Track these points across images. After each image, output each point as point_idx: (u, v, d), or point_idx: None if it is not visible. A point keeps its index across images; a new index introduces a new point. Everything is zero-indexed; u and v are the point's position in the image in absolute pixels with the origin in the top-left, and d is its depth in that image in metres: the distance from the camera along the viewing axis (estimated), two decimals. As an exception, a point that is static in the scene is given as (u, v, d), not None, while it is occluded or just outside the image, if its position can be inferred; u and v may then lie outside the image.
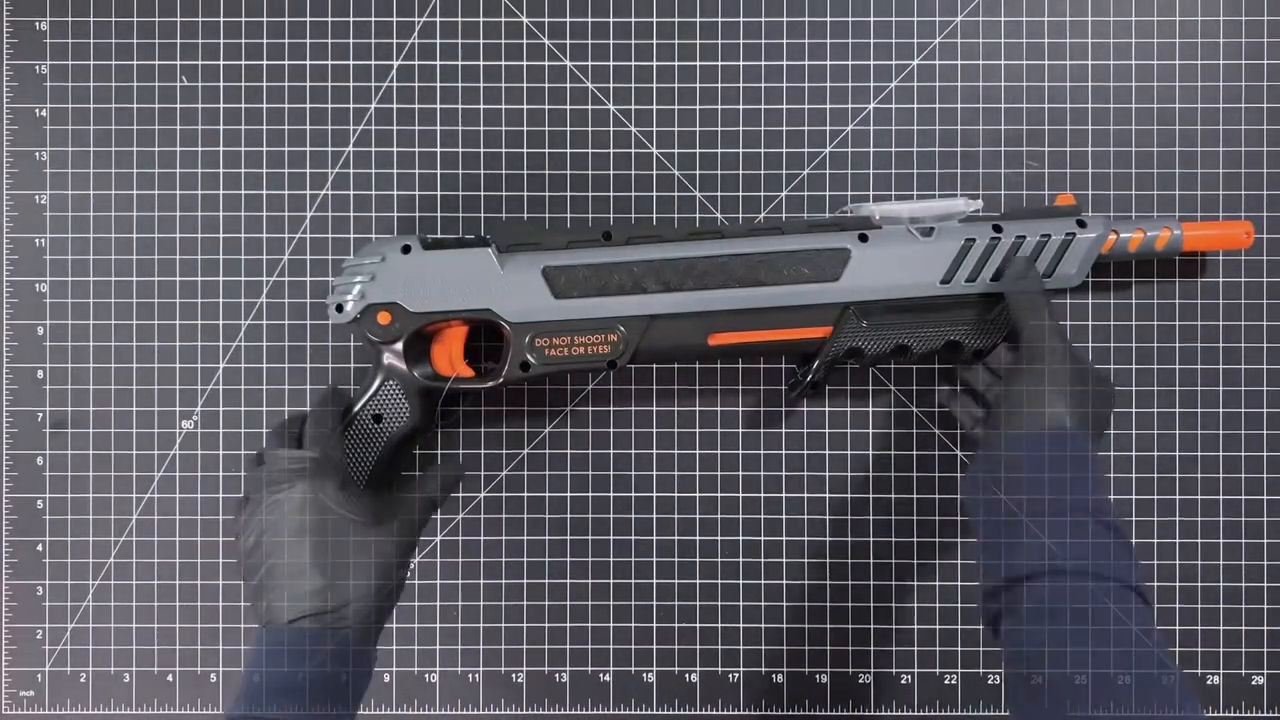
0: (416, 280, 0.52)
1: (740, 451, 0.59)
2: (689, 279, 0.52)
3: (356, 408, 0.53)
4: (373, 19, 0.60)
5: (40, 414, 0.60)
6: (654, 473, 0.59)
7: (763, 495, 0.59)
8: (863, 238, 0.53)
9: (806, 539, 0.59)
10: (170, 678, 0.60)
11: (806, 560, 0.59)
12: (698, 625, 0.59)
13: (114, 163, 0.60)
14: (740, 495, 0.59)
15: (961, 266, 0.53)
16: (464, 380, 0.54)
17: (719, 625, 0.59)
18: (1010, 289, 0.52)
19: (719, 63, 0.59)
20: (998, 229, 0.53)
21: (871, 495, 0.59)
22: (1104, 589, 0.42)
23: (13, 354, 0.60)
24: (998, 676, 0.59)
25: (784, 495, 0.59)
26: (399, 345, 0.52)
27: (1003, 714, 0.59)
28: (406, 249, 0.52)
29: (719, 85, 0.59)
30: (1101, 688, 0.40)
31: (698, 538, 0.59)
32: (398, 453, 0.54)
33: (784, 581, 0.59)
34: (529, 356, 0.52)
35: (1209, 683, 0.59)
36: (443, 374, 0.54)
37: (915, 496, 0.59)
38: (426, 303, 0.52)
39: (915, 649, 0.59)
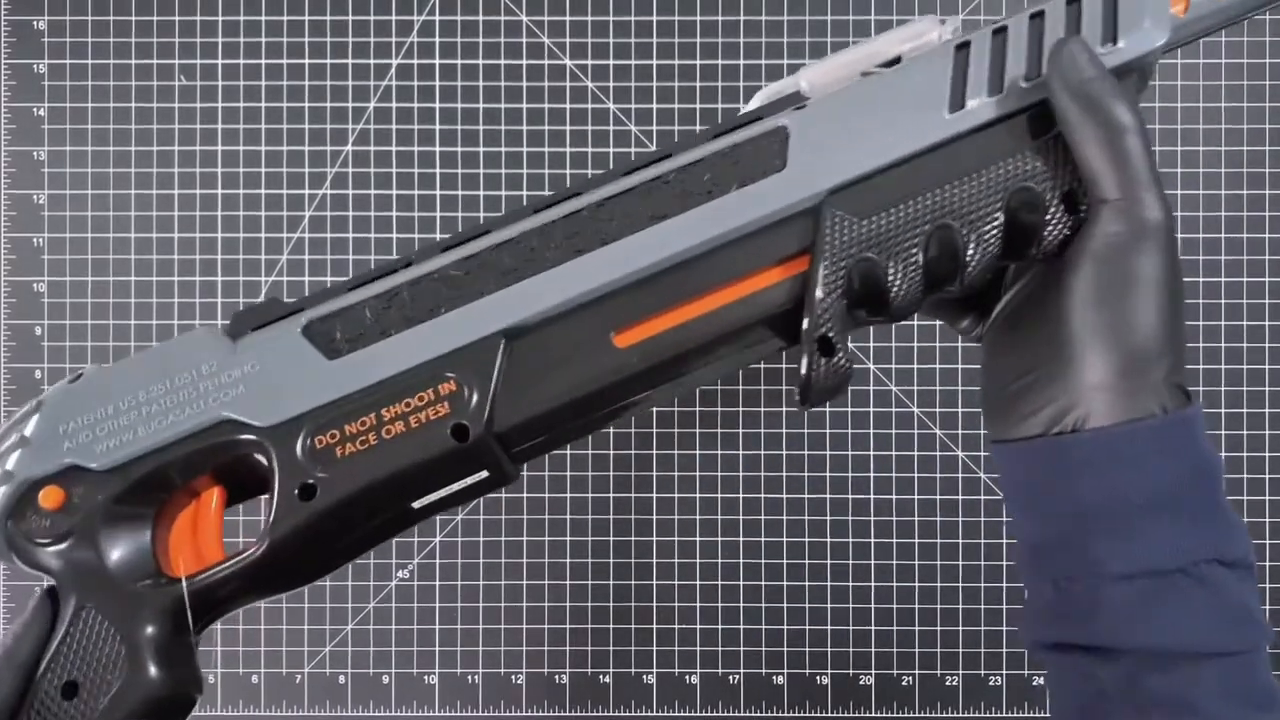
0: (98, 416, 0.31)
1: (740, 452, 0.59)
2: (548, 253, 0.32)
3: (36, 676, 0.29)
4: (372, 18, 0.59)
5: (38, 414, 0.59)
6: (654, 473, 0.59)
7: (763, 496, 0.59)
8: (798, 108, 0.33)
9: (807, 540, 0.59)
10: (168, 679, 0.59)
11: (807, 561, 0.59)
12: (698, 627, 0.59)
13: (112, 162, 0.60)
14: (741, 496, 0.59)
15: (969, 79, 0.32)
16: (209, 572, 0.31)
17: (719, 627, 0.59)
18: (1060, 80, 0.30)
19: (719, 62, 0.59)
20: (998, 26, 0.33)
21: (872, 496, 0.59)
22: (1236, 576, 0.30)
23: (10, 354, 0.60)
24: (999, 678, 0.59)
25: (784, 496, 0.59)
26: (84, 539, 0.30)
27: (1003, 715, 0.58)
28: (76, 377, 0.32)
29: (719, 85, 0.59)
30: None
31: (698, 539, 0.59)
32: None
33: (784, 583, 0.59)
34: (313, 473, 0.30)
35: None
36: (174, 574, 0.31)
37: (916, 497, 0.59)
38: (120, 444, 0.31)
39: (916, 650, 0.59)
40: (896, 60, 0.33)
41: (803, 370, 0.30)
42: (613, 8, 0.59)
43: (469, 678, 0.59)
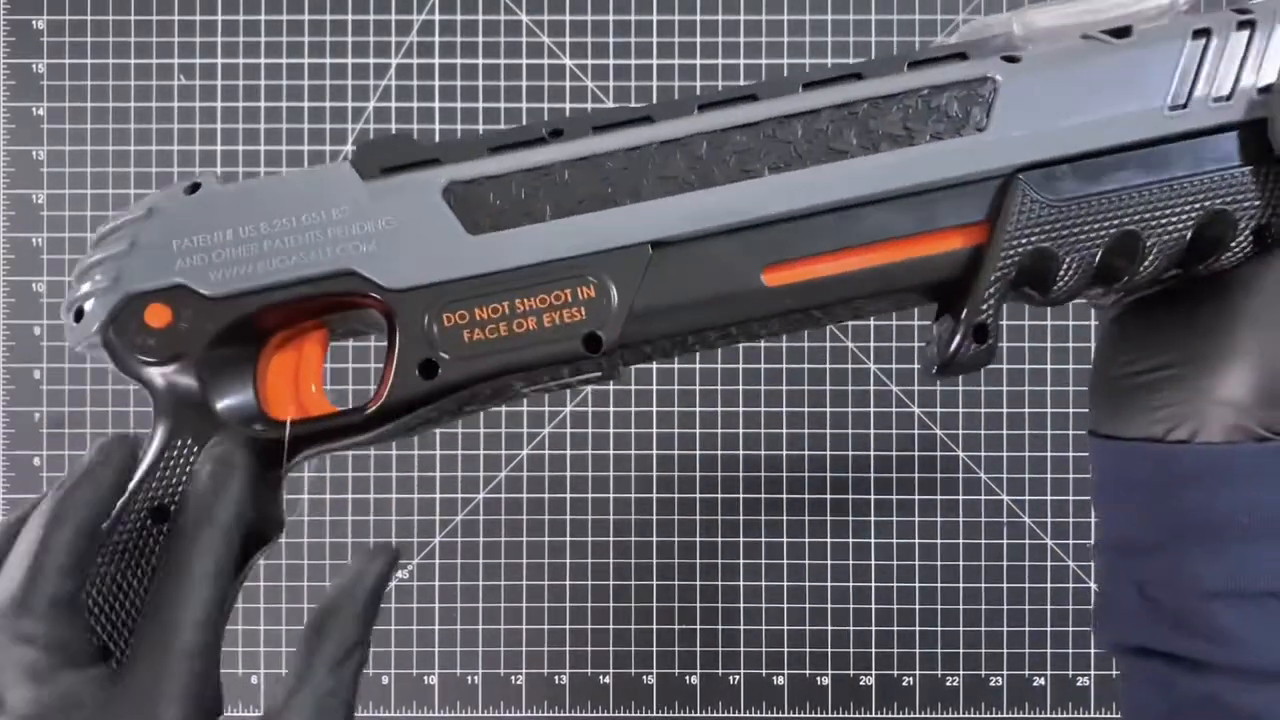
0: (215, 240, 0.29)
1: (741, 452, 0.59)
2: (715, 168, 0.29)
3: (121, 500, 0.28)
4: (371, 17, 0.59)
5: (37, 414, 0.59)
6: (654, 473, 0.59)
7: (763, 496, 0.59)
8: (1010, 59, 0.30)
9: (807, 540, 0.59)
10: (167, 680, 0.59)
11: (808, 562, 0.59)
12: (698, 627, 0.59)
13: (111, 162, 0.60)
14: (741, 496, 0.59)
15: (1201, 75, 0.29)
16: (314, 422, 0.30)
17: (719, 627, 0.59)
18: None
19: (719, 62, 0.59)
20: (1244, 12, 0.29)
21: (872, 496, 0.59)
22: None
23: (9, 354, 0.60)
24: (1000, 678, 0.58)
25: (785, 496, 0.59)
26: (189, 367, 0.29)
27: (1003, 715, 0.58)
28: (194, 188, 0.30)
29: (719, 85, 0.59)
30: None
31: (698, 539, 0.59)
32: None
33: (785, 583, 0.59)
34: (436, 350, 0.29)
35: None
36: (279, 416, 0.30)
37: (916, 497, 0.59)
38: (237, 276, 0.29)
39: (917, 650, 0.59)
40: (1124, 29, 0.30)
41: (951, 348, 0.29)
42: (613, 8, 0.59)
43: (469, 678, 0.59)
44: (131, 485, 0.29)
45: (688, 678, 0.59)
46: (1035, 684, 0.58)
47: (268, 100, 0.59)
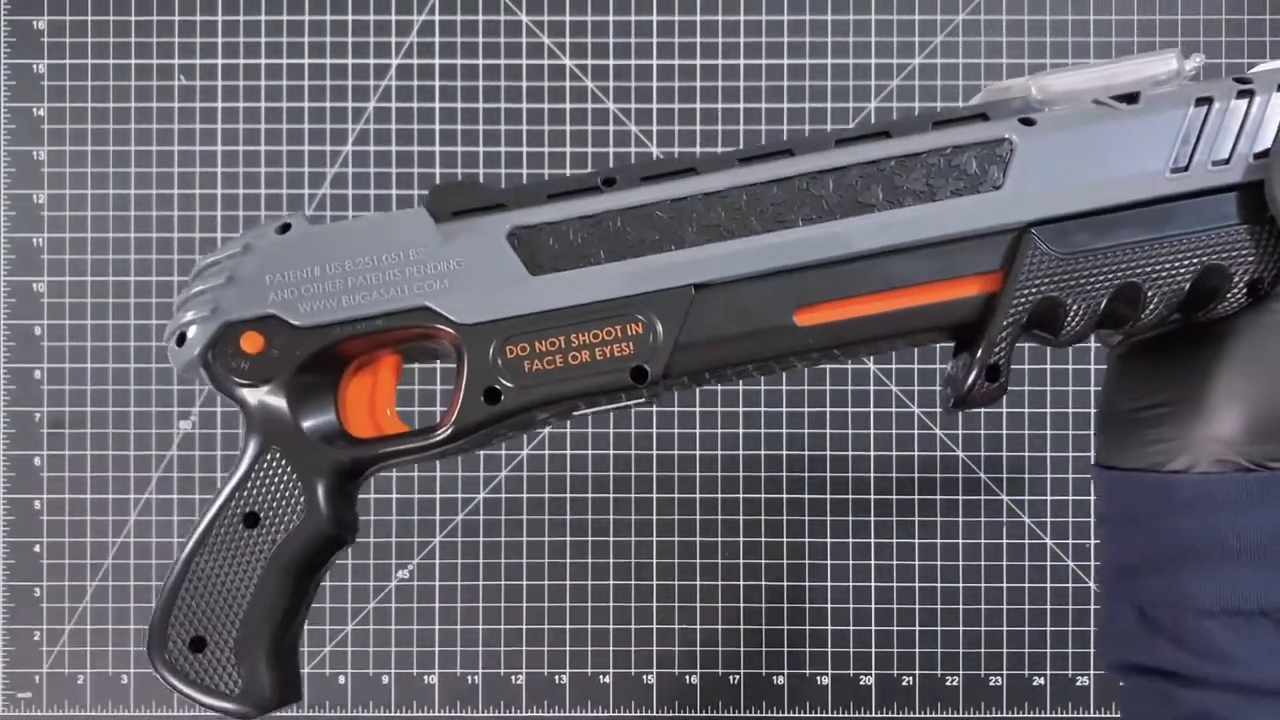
0: (304, 276, 0.33)
1: (741, 452, 0.59)
2: (753, 218, 0.32)
3: (215, 505, 0.33)
4: (371, 17, 0.59)
5: (38, 414, 0.60)
6: (654, 473, 0.59)
7: (763, 496, 0.59)
8: (1026, 121, 0.32)
9: (807, 540, 0.59)
10: (168, 679, 0.59)
11: (808, 562, 0.59)
12: (698, 627, 0.59)
13: (112, 162, 0.60)
14: (741, 496, 0.59)
15: (1201, 140, 0.31)
16: (389, 441, 0.33)
17: (720, 627, 0.59)
18: None
19: (719, 62, 0.59)
20: (1244, 82, 0.32)
21: (872, 496, 0.59)
22: None
23: (10, 354, 0.60)
24: (999, 678, 0.58)
25: (785, 496, 0.59)
26: (279, 389, 0.33)
27: (1003, 715, 0.58)
28: (285, 228, 0.33)
29: (719, 85, 0.59)
30: None
31: (698, 539, 0.59)
32: (296, 581, 0.33)
33: (785, 583, 0.59)
34: (499, 379, 0.32)
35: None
36: (358, 434, 0.34)
37: (916, 497, 0.59)
38: (323, 309, 0.33)
39: (916, 650, 0.59)
40: (1132, 95, 0.32)
41: (965, 386, 0.33)
42: (613, 8, 0.59)
43: (469, 678, 0.59)
44: (225, 493, 0.33)
45: (688, 677, 0.59)
46: (1035, 684, 0.59)
47: (268, 100, 0.59)
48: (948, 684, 0.59)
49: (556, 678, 0.59)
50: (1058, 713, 0.58)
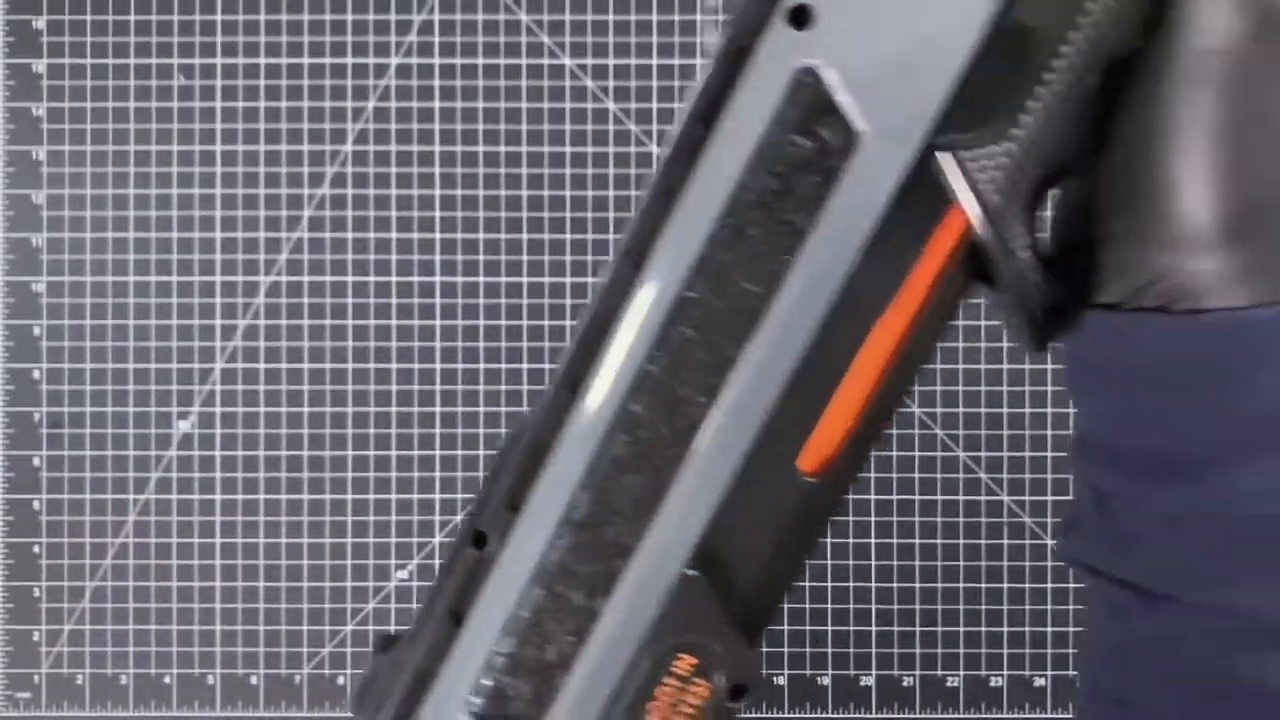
0: None
1: (741, 452, 0.59)
2: (654, 449, 0.23)
3: None
4: (371, 17, 0.59)
5: (36, 414, 0.59)
6: (654, 473, 0.59)
7: (763, 496, 0.59)
8: (798, 18, 0.21)
9: (807, 540, 0.59)
10: (168, 680, 0.59)
11: (807, 561, 0.59)
12: (698, 627, 0.59)
13: (111, 161, 0.60)
14: (741, 496, 0.59)
15: None
16: None
17: (719, 627, 0.59)
18: None
19: (719, 61, 0.59)
20: None
21: (872, 496, 0.59)
22: None
23: (8, 354, 0.60)
24: (1000, 678, 0.58)
25: (785, 496, 0.59)
26: None
27: (1004, 715, 0.58)
28: None
29: (719, 84, 0.59)
30: None
31: (698, 539, 0.59)
32: None
33: (785, 583, 0.59)
34: None
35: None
36: None
37: (916, 497, 0.59)
38: None
39: (917, 651, 0.59)
40: None
41: (1033, 274, 0.22)
42: (612, 8, 0.59)
43: (469, 678, 0.59)
44: None
45: (688, 678, 0.59)
46: (1036, 684, 0.58)
47: (268, 100, 0.59)
48: (948, 684, 0.59)
49: (556, 678, 0.59)
50: (1058, 713, 0.58)
